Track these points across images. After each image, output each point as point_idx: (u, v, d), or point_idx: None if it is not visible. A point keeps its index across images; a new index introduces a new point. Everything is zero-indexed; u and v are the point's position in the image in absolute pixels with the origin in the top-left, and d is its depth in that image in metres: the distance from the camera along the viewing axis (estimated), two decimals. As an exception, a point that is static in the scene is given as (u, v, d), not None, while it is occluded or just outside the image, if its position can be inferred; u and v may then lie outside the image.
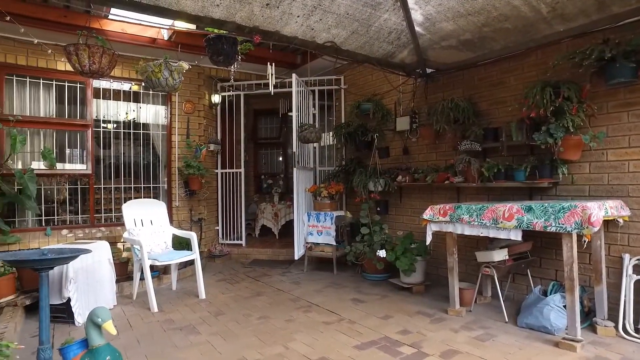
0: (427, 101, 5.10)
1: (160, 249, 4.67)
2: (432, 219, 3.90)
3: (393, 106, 5.67)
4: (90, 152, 5.49)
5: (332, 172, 6.38)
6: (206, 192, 6.42)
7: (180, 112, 6.23)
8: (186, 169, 5.94)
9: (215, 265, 6.23)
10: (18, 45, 4.96)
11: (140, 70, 3.19)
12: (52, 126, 5.34)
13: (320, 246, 5.71)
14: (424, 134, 5.02)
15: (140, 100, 6.09)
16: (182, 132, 6.24)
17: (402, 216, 5.58)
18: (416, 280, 4.61)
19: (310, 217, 5.75)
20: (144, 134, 6.14)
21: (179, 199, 6.18)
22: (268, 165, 9.02)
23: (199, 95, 6.42)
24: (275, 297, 4.55)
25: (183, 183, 6.19)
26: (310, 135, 5.34)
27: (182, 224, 6.18)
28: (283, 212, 7.65)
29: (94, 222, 5.58)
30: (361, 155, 6.12)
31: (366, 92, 6.10)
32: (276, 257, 6.56)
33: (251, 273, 5.72)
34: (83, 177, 5.49)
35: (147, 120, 6.17)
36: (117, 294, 4.51)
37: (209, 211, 6.62)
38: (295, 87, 5.57)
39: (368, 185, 5.30)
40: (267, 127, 8.99)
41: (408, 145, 5.43)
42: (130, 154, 6.06)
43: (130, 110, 6.02)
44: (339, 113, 6.69)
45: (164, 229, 4.86)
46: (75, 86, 5.49)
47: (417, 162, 5.32)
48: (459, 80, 4.77)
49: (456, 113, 4.33)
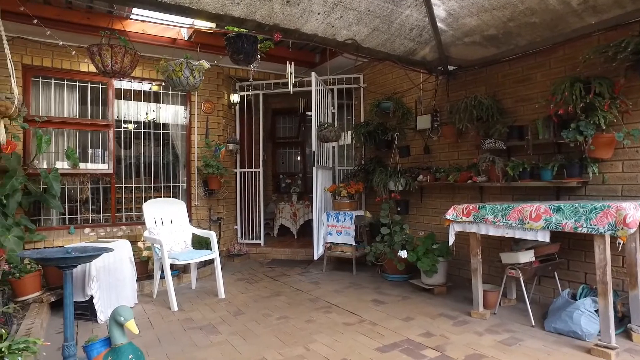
0: (449, 99, 4.99)
1: (180, 248, 4.70)
2: (455, 219, 3.81)
3: (413, 104, 5.58)
4: (112, 152, 5.57)
5: (351, 172, 6.33)
6: (225, 192, 6.45)
7: (199, 111, 6.27)
8: (205, 168, 5.96)
9: (234, 265, 6.24)
10: (44, 48, 5.06)
11: (161, 69, 3.20)
12: (75, 126, 5.43)
13: (340, 246, 5.66)
14: (446, 133, 4.92)
15: (160, 100, 6.15)
16: (201, 132, 6.28)
17: (422, 216, 5.49)
18: (438, 282, 4.51)
19: (329, 216, 5.71)
20: (163, 134, 6.19)
21: (198, 199, 6.21)
22: (286, 164, 9.01)
23: (218, 95, 6.44)
24: (294, 297, 4.52)
25: (202, 182, 6.22)
26: (329, 134, 5.29)
27: (201, 223, 6.22)
28: (301, 212, 7.62)
29: (115, 221, 5.65)
30: (381, 155, 6.04)
31: (386, 90, 6.02)
32: (295, 256, 6.53)
33: (270, 273, 5.70)
34: (105, 177, 5.57)
35: (167, 120, 6.23)
36: (138, 292, 4.55)
37: (227, 210, 6.64)
38: (315, 86, 5.53)
39: (388, 184, 5.22)
40: (285, 126, 8.98)
41: (429, 144, 5.33)
42: (150, 153, 6.12)
43: (150, 111, 6.08)
44: (358, 112, 6.63)
45: (184, 228, 4.88)
46: (98, 87, 5.57)
47: (438, 162, 5.22)
48: (481, 77, 4.66)
49: (479, 111, 4.22)
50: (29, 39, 4.94)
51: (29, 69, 5.06)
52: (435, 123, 5.16)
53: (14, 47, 4.54)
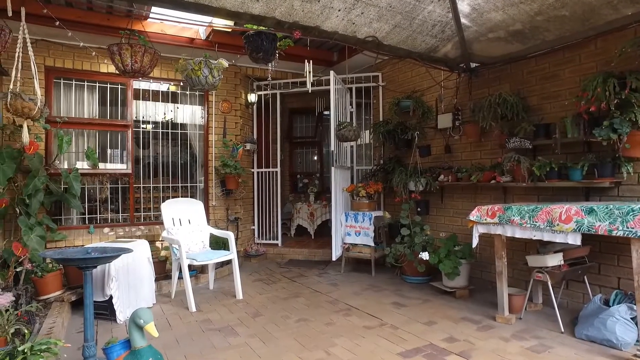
0: (471, 97, 4.86)
1: (198, 248, 4.68)
2: (479, 221, 3.69)
3: (434, 103, 5.46)
4: (130, 152, 5.60)
5: (369, 171, 6.23)
6: (242, 192, 6.43)
7: (217, 111, 6.26)
8: (223, 168, 5.95)
9: (251, 265, 6.22)
10: (65, 50, 5.11)
11: (180, 68, 3.17)
12: (95, 127, 5.47)
13: (358, 247, 5.57)
14: (468, 132, 4.79)
15: (178, 100, 6.16)
16: (218, 132, 6.27)
17: (443, 217, 5.36)
18: (460, 284, 4.39)
19: (348, 217, 5.63)
20: (181, 134, 6.21)
21: (215, 198, 6.21)
22: (303, 164, 8.96)
23: (236, 95, 6.42)
24: (313, 298, 4.46)
25: (220, 182, 6.21)
26: (348, 133, 5.21)
27: (218, 223, 6.21)
28: (319, 212, 7.56)
29: (133, 220, 5.68)
30: (400, 154, 5.94)
31: (405, 88, 5.91)
32: (312, 257, 6.47)
33: (287, 273, 5.66)
34: (123, 177, 5.61)
35: (185, 120, 6.24)
36: (156, 293, 4.55)
37: (245, 210, 6.62)
38: (333, 84, 5.46)
39: (408, 184, 5.11)
40: (302, 126, 8.93)
41: (450, 144, 5.20)
42: (168, 153, 6.14)
43: (168, 111, 6.10)
44: (377, 111, 6.53)
45: (202, 228, 4.87)
46: (117, 87, 5.61)
47: (459, 161, 5.09)
48: (505, 74, 4.51)
49: (504, 109, 4.08)
50: (51, 41, 5.00)
51: (51, 71, 5.12)
52: (456, 122, 5.03)
53: (37, 49, 4.59)
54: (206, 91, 3.26)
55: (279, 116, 6.96)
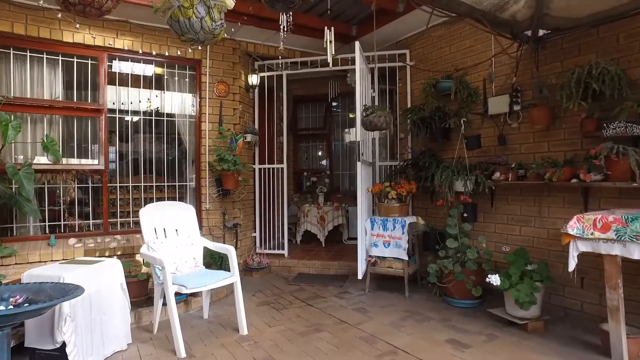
0: (538, 74, 3.83)
1: (189, 267, 3.59)
2: (581, 235, 2.66)
3: (480, 84, 4.42)
4: (104, 144, 4.47)
5: (396, 168, 5.18)
6: (242, 192, 5.34)
7: (211, 95, 5.15)
8: (219, 163, 4.85)
9: (253, 281, 5.13)
10: (14, 10, 3.98)
11: (163, 6, 2.08)
12: (57, 111, 4.34)
13: (387, 261, 4.52)
14: (535, 117, 3.75)
15: (163, 85, 5.04)
16: (213, 119, 5.17)
17: (493, 224, 4.34)
18: (532, 314, 3.36)
19: (374, 224, 4.57)
20: (168, 122, 5.10)
21: (209, 201, 5.11)
22: (310, 160, 7.88)
23: (234, 75, 5.32)
24: (340, 334, 3.40)
25: (215, 181, 5.12)
26: (377, 119, 4.15)
27: (213, 230, 5.12)
28: (330, 216, 6.49)
29: (107, 228, 4.56)
30: (435, 147, 4.89)
31: (442, 68, 4.86)
32: (326, 270, 5.41)
33: (299, 293, 4.58)
34: (94, 174, 4.48)
35: (172, 107, 5.13)
36: (133, 325, 3.48)
37: (244, 215, 5.54)
38: (359, 57, 4.40)
39: (454, 184, 4.07)
40: (308, 116, 7.85)
41: (505, 133, 4.17)
42: (152, 146, 5.02)
43: (153, 97, 4.98)
44: (403, 96, 5.47)
45: (193, 240, 3.78)
46: (86, 63, 4.48)
47: (517, 155, 4.06)
48: (590, 41, 3.48)
49: (600, 84, 3.05)
50: (-5, -3, 3.87)
51: (-5, 37, 3.99)
52: (514, 106, 4.00)
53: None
54: (201, 44, 2.18)
55: (284, 102, 5.87)
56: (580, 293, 3.55)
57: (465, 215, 4.20)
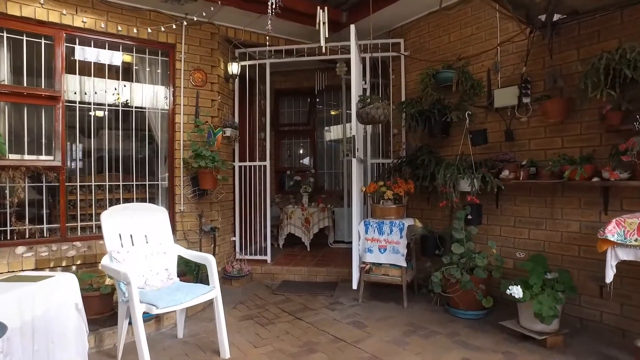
0: (552, 63, 3.50)
1: (160, 280, 3.07)
2: (622, 242, 2.31)
3: (484, 75, 4.07)
4: (61, 137, 3.88)
5: (391, 166, 4.78)
6: (221, 192, 4.82)
7: (187, 84, 4.62)
8: (195, 160, 4.32)
9: (234, 291, 4.63)
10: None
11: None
12: (3, 97, 3.71)
13: (383, 268, 4.11)
14: (549, 110, 3.42)
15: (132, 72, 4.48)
16: (189, 111, 4.63)
17: (497, 227, 4.00)
18: (551, 328, 3.01)
19: (368, 227, 4.16)
20: (137, 114, 4.53)
21: (184, 202, 4.57)
22: (293, 158, 7.40)
23: (212, 63, 4.80)
24: (338, 355, 2.96)
25: (190, 180, 4.58)
26: (375, 112, 3.73)
27: (188, 235, 4.58)
28: (315, 217, 6.05)
29: (65, 234, 3.97)
30: (433, 143, 4.53)
31: (440, 58, 4.50)
32: (313, 277, 4.96)
33: (286, 305, 4.12)
34: (50, 172, 3.87)
35: (142, 97, 4.57)
36: (94, 350, 2.96)
37: (223, 217, 5.02)
38: (354, 41, 3.97)
39: (459, 183, 3.70)
40: (290, 111, 7.37)
41: (513, 128, 3.83)
42: (119, 141, 4.45)
43: (121, 86, 4.41)
44: (397, 88, 5.08)
45: (166, 248, 3.26)
46: (39, 42, 3.87)
47: (526, 151, 3.73)
48: (613, 26, 3.15)
49: (632, 71, 2.73)
50: None
51: None
52: (524, 98, 3.66)
53: None
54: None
55: (268, 94, 5.38)
56: (599, 302, 3.24)
57: (470, 218, 3.83)
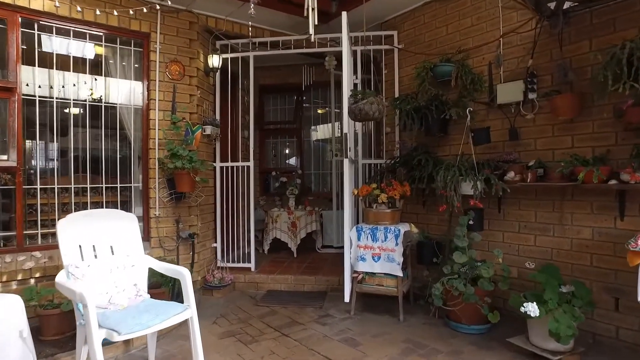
0: (561, 54, 3.23)
1: (127, 297, 2.67)
2: (658, 254, 2.03)
3: (486, 68, 3.79)
4: (17, 134, 3.44)
5: (384, 167, 4.46)
6: (200, 195, 4.42)
7: (163, 77, 4.22)
8: (171, 160, 3.93)
9: (214, 303, 4.24)
10: None
11: None
12: (-51, 88, 3.27)
13: (377, 277, 3.79)
14: (559, 106, 3.14)
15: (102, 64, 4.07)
16: (165, 107, 4.23)
17: (500, 232, 3.71)
18: (567, 347, 2.73)
19: (361, 233, 3.83)
20: (107, 110, 4.10)
21: (159, 206, 4.17)
22: (278, 158, 7.03)
23: (191, 55, 4.41)
24: (330, 381, 2.62)
25: (166, 182, 4.18)
26: (369, 107, 3.40)
27: (164, 242, 4.18)
28: (303, 221, 5.69)
29: (22, 243, 3.52)
30: (430, 142, 4.23)
31: (437, 51, 4.21)
32: (300, 287, 4.61)
33: (271, 318, 3.76)
34: (4, 173, 3.43)
35: (113, 91, 4.15)
36: (49, 381, 2.53)
37: (203, 222, 4.62)
38: (346, 30, 3.64)
39: (461, 186, 3.39)
40: (276, 108, 7.00)
41: (517, 126, 3.55)
42: (87, 139, 4.02)
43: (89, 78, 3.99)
44: (390, 84, 4.77)
45: (135, 259, 2.86)
46: (-8, 26, 3.43)
47: (532, 151, 3.46)
48: (632, 14, 2.86)
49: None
50: None
51: None
52: (530, 93, 3.38)
53: None
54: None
55: (252, 89, 5.00)
56: (615, 317, 2.97)
57: (471, 223, 3.54)
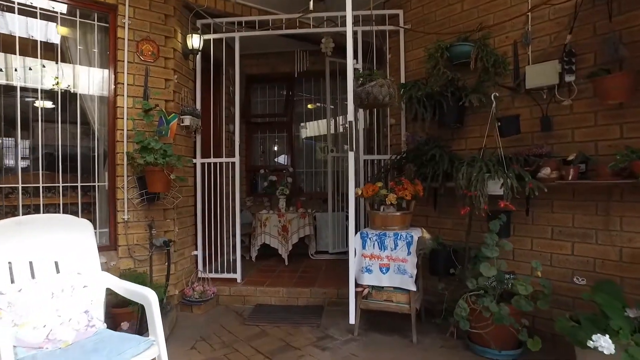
0: (611, 27, 2.72)
1: (73, 330, 2.05)
2: None
3: (510, 48, 3.27)
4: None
5: (388, 163, 3.90)
6: (178, 196, 3.80)
7: (133, 57, 3.59)
8: (142, 154, 3.31)
9: (194, 321, 3.64)
10: None
11: None
12: None
13: (385, 292, 3.24)
14: (607, 88, 2.61)
15: (59, 46, 3.43)
16: (135, 92, 3.61)
17: (528, 239, 3.19)
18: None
19: (366, 240, 3.27)
20: (66, 95, 3.46)
21: (129, 208, 3.55)
22: (267, 155, 6.42)
23: (167, 33, 3.79)
24: None
25: (137, 180, 3.56)
26: (378, 90, 2.84)
27: (134, 251, 3.56)
28: (295, 225, 5.11)
29: (-47, 256, 2.86)
30: (444, 134, 3.69)
31: (451, 30, 3.67)
32: (294, 300, 4.04)
33: (261, 341, 3.17)
34: None
35: (72, 73, 3.52)
36: None
37: (181, 227, 4.01)
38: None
39: (487, 185, 2.85)
40: (265, 100, 6.39)
41: (552, 114, 3.03)
42: (39, 131, 3.38)
43: (48, 64, 3.35)
44: (394, 69, 4.21)
45: (88, 279, 2.24)
46: None
47: (568, 144, 2.94)
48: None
49: None
50: None
51: None
52: (567, 75, 2.86)
53: None
54: None
55: (237, 78, 4.39)
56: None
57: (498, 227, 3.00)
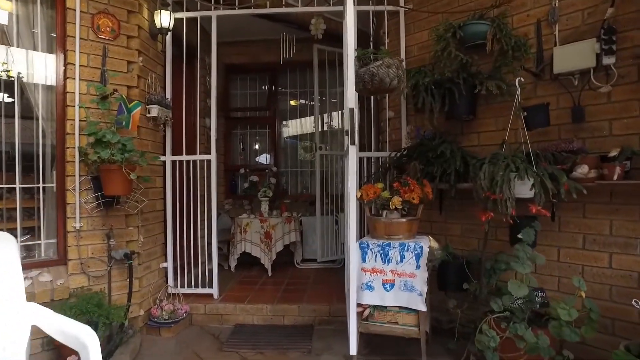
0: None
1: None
2: None
3: (532, 28, 2.83)
4: None
5: (389, 161, 3.41)
6: (142, 200, 3.21)
7: (87, 34, 2.99)
8: (96, 149, 2.72)
9: (162, 347, 3.06)
10: None
11: None
12: None
13: (389, 313, 2.74)
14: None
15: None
16: (90, 76, 3.00)
17: (554, 248, 2.75)
18: None
19: (366, 252, 2.76)
20: (3, 83, 2.84)
21: (82, 214, 2.94)
22: (247, 153, 5.85)
23: (130, 7, 3.20)
24: None
25: (92, 181, 2.96)
26: (385, 72, 2.34)
27: (88, 266, 2.96)
28: (279, 231, 4.56)
29: None
30: (453, 128, 3.23)
31: (460, 9, 3.21)
32: (279, 319, 3.50)
33: (242, 376, 2.63)
34: None
35: (10, 53, 2.89)
36: None
37: (147, 236, 3.41)
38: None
39: (512, 185, 2.39)
40: (245, 92, 5.82)
41: (584, 103, 2.60)
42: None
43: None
44: (394, 54, 3.71)
45: (7, 314, 1.66)
46: None
47: (603, 138, 2.52)
48: None
49: None
50: None
51: None
52: (606, 57, 2.43)
53: None
54: None
55: (214, 65, 3.82)
56: None
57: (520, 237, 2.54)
